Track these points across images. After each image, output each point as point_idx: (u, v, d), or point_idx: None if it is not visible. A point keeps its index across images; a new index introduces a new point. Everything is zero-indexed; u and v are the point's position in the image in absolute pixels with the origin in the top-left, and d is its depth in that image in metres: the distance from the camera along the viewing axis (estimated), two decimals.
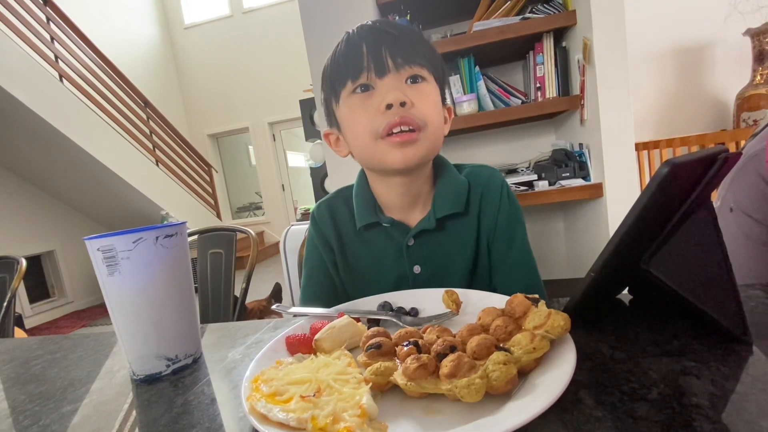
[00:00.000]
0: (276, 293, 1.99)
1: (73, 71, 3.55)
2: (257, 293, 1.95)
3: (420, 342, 0.33)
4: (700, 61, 2.18)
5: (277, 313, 0.53)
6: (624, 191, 1.42)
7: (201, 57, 6.36)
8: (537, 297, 0.35)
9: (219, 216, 5.34)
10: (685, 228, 0.33)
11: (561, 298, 0.44)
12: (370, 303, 0.49)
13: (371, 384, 0.30)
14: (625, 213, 0.30)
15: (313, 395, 0.28)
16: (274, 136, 6.37)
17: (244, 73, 6.19)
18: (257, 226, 6.35)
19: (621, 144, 1.40)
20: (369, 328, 0.39)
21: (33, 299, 3.89)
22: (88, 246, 0.39)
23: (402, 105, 0.51)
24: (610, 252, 0.31)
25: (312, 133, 2.75)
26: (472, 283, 0.61)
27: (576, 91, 1.56)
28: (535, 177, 1.61)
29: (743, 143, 0.94)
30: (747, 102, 1.99)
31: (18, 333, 1.47)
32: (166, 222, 1.14)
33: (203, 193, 5.19)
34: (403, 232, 0.60)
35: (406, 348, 0.32)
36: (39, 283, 4.04)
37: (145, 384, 0.40)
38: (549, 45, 1.59)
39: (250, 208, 7.29)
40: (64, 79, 3.39)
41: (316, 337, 0.38)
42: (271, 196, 6.49)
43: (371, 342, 0.34)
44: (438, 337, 0.33)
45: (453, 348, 0.30)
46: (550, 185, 1.56)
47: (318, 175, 2.74)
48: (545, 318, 0.31)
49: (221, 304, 1.13)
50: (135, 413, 0.35)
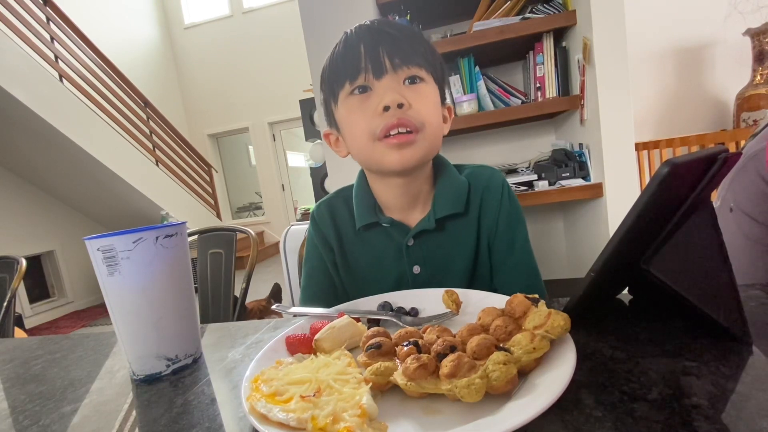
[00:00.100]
0: (276, 293, 1.99)
1: (73, 71, 3.55)
2: (257, 293, 1.95)
3: (420, 342, 0.33)
4: (700, 61, 2.18)
5: (277, 313, 0.53)
6: (624, 191, 1.42)
7: (201, 57, 6.36)
8: (537, 297, 0.35)
9: (219, 216, 5.35)
10: (685, 228, 0.33)
11: (561, 298, 0.44)
12: (370, 303, 0.49)
13: (371, 384, 0.30)
14: (625, 213, 0.30)
15: (313, 395, 0.28)
16: (274, 136, 6.37)
17: (244, 73, 6.18)
18: (257, 226, 6.35)
19: (621, 144, 1.40)
20: (369, 328, 0.39)
21: (33, 299, 3.89)
22: (88, 246, 0.39)
23: (399, 106, 0.51)
24: (610, 252, 0.31)
25: (312, 133, 2.75)
26: (472, 284, 0.61)
27: (576, 91, 1.56)
28: (535, 177, 1.61)
29: (743, 143, 0.94)
30: (747, 102, 1.99)
31: (18, 333, 1.46)
32: (166, 222, 1.14)
33: (203, 193, 5.19)
34: (403, 232, 0.60)
35: (406, 348, 0.32)
36: (39, 283, 4.04)
37: (145, 384, 0.40)
38: (549, 45, 1.59)
39: (250, 208, 7.29)
40: (64, 79, 3.39)
41: (316, 337, 0.38)
42: (271, 196, 6.49)
43: (371, 342, 0.34)
44: (438, 337, 0.33)
45: (453, 348, 0.30)
46: (550, 185, 1.55)
47: (318, 175, 2.74)
48: (545, 318, 0.31)
49: (221, 304, 1.13)
50: (135, 413, 0.35)
